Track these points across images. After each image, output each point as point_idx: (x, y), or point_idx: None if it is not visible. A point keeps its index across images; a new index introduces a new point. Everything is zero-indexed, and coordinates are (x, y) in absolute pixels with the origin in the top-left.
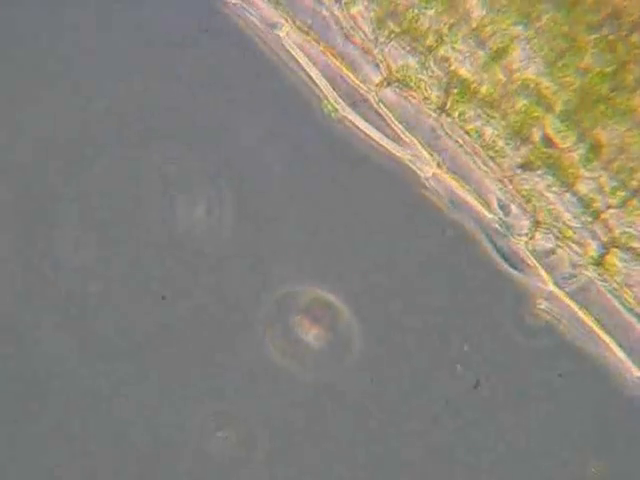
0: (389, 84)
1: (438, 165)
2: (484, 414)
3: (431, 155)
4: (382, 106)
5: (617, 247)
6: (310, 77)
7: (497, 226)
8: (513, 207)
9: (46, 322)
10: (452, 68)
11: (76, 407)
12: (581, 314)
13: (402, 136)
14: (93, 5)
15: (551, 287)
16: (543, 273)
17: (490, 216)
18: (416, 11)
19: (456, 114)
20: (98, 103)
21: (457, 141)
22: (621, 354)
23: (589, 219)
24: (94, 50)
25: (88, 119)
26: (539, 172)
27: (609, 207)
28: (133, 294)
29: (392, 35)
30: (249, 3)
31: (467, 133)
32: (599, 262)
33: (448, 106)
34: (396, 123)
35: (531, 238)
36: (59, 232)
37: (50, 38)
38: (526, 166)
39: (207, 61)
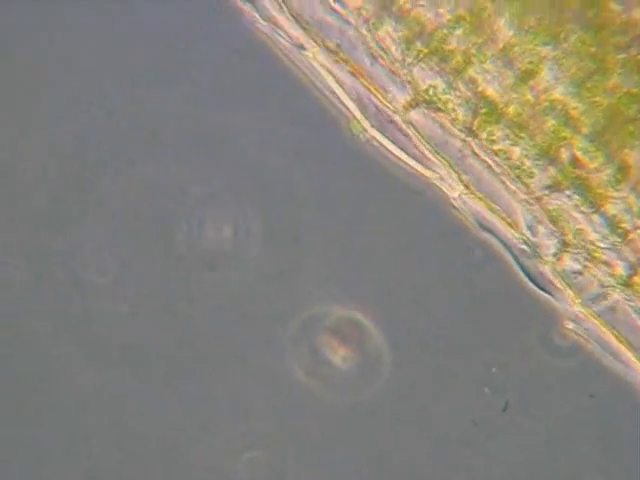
0: (417, 105)
1: (466, 185)
2: (513, 435)
3: (459, 175)
4: (410, 127)
5: None
6: (338, 98)
7: (525, 247)
8: (541, 228)
9: (66, 339)
10: (480, 89)
11: (94, 426)
12: (609, 334)
13: (430, 156)
14: (112, 18)
15: (579, 308)
16: (571, 293)
17: (518, 236)
18: (444, 31)
19: (484, 134)
20: (125, 120)
21: (485, 161)
22: None
23: (617, 240)
24: (120, 68)
25: (116, 134)
26: (567, 193)
27: (637, 228)
28: (158, 312)
29: (420, 56)
30: (278, 24)
31: (495, 153)
32: (627, 283)
33: (476, 127)
34: (424, 143)
35: (559, 259)
36: (81, 250)
37: (68, 46)
38: (554, 187)
39: (236, 81)
